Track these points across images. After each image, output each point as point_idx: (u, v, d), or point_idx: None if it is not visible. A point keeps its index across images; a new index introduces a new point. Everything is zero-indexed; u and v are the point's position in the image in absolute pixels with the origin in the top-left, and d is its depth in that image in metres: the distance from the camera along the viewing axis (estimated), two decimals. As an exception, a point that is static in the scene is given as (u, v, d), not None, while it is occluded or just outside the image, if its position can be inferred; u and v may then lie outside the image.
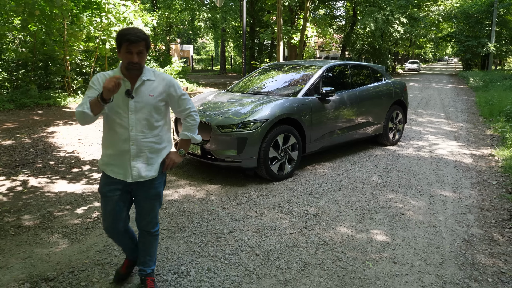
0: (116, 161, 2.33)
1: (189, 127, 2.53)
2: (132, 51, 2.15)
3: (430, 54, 76.20)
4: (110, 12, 11.43)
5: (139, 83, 2.27)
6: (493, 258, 3.20)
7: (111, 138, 2.33)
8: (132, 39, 2.12)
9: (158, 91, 2.33)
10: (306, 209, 4.08)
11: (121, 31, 2.18)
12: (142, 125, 2.30)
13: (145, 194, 2.42)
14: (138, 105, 2.27)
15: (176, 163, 2.49)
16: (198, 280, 2.77)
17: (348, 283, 2.77)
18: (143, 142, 2.31)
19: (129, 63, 2.17)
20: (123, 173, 2.33)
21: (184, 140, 2.54)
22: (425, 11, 32.81)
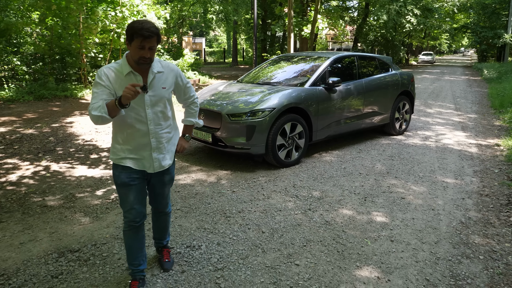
0: (136, 155, 2.36)
1: (193, 113, 2.68)
2: (145, 47, 2.13)
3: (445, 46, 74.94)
4: (124, 6, 11.72)
5: (151, 76, 2.28)
6: (487, 239, 3.38)
7: (128, 134, 2.32)
8: (146, 35, 2.10)
9: (169, 82, 2.38)
10: (311, 193, 4.30)
11: (134, 24, 2.14)
12: (159, 117, 2.35)
13: (162, 181, 2.53)
14: (153, 99, 2.30)
15: (185, 148, 2.64)
16: (208, 253, 3.03)
17: (346, 258, 3.00)
18: (161, 134, 2.38)
19: (141, 58, 2.16)
20: (143, 165, 2.38)
21: (189, 126, 2.70)
22: (440, 2, 32.36)
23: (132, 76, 2.23)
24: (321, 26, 15.18)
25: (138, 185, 2.41)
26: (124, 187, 2.40)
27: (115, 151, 2.39)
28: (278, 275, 2.75)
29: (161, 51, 16.97)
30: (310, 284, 2.66)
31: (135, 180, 2.40)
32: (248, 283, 2.66)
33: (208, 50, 49.89)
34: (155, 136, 2.36)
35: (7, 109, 9.30)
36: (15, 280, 2.67)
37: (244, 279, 2.70)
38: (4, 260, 2.93)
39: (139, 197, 2.44)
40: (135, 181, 2.40)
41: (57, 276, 2.73)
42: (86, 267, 2.84)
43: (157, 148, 2.38)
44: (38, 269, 2.82)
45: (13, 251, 3.06)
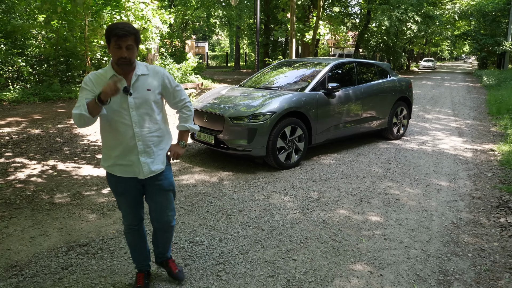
0: (124, 160, 2.31)
1: (186, 118, 2.56)
2: (121, 46, 2.12)
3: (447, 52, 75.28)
4: (129, 10, 11.94)
5: (134, 78, 2.26)
6: (476, 238, 3.54)
7: (115, 138, 2.29)
8: (120, 34, 2.09)
9: (154, 84, 2.33)
10: (309, 193, 4.46)
11: (109, 26, 2.15)
12: (145, 120, 2.28)
13: (159, 187, 2.43)
14: (137, 101, 2.25)
15: (179, 154, 2.53)
16: (210, 248, 3.19)
17: (341, 254, 3.16)
18: (148, 137, 2.31)
19: (119, 59, 2.14)
20: (133, 171, 2.33)
21: (183, 131, 2.58)
22: (441, 9, 32.61)
23: (115, 79, 2.17)
24: (322, 32, 15.39)
25: (131, 193, 2.40)
26: (118, 196, 2.43)
27: (105, 158, 2.37)
28: (276, 269, 2.91)
29: (165, 55, 17.19)
30: (306, 277, 2.82)
31: (128, 188, 2.38)
32: (247, 276, 2.82)
33: (211, 54, 50.21)
34: (142, 139, 2.29)
35: (12, 110, 9.49)
36: (27, 271, 2.83)
37: (244, 272, 2.86)
38: (16, 252, 3.10)
39: (133, 203, 2.44)
40: (128, 190, 2.39)
41: (67, 267, 2.89)
42: (94, 259, 3.00)
43: (144, 151, 2.31)
44: (48, 261, 2.98)
45: (25, 245, 3.22)
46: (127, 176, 2.34)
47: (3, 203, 4.08)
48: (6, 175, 4.88)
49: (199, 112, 5.54)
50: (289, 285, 2.71)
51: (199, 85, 12.53)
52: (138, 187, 2.41)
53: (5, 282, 2.70)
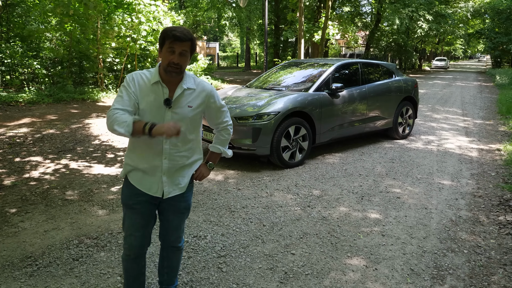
0: (147, 174, 2.13)
1: (223, 141, 2.39)
2: (174, 50, 1.94)
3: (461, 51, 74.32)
4: (140, 12, 12.18)
5: (179, 91, 2.05)
6: (474, 235, 3.61)
7: (142, 149, 2.11)
8: (177, 36, 1.92)
9: (197, 102, 2.13)
10: (311, 191, 4.58)
11: (167, 27, 1.99)
12: (177, 138, 2.05)
13: (175, 208, 2.25)
14: (175, 116, 2.05)
15: (205, 176, 2.36)
16: (213, 242, 3.34)
17: (339, 249, 3.27)
18: (175, 157, 2.12)
19: (169, 64, 1.95)
20: (153, 188, 2.14)
21: (215, 153, 2.39)
22: (454, 8, 32.29)
23: (160, 86, 2.04)
24: (331, 32, 15.45)
25: (143, 209, 2.17)
26: (129, 209, 2.19)
27: (127, 164, 2.18)
28: (275, 262, 3.04)
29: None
30: (303, 270, 2.94)
31: (141, 203, 2.16)
32: (247, 268, 2.96)
33: (221, 55, 50.54)
34: (169, 158, 2.11)
35: (28, 110, 9.81)
36: (41, 262, 3.02)
37: (244, 265, 3.00)
38: (31, 245, 3.29)
39: (142, 223, 2.20)
40: (140, 204, 2.16)
41: (78, 259, 3.06)
42: (103, 252, 3.18)
43: (168, 171, 2.13)
44: (61, 253, 3.16)
45: (39, 238, 3.42)
46: (145, 191, 2.14)
47: (19, 199, 4.29)
48: (22, 173, 5.11)
49: (206, 112, 5.70)
50: (286, 277, 2.84)
51: (209, 85, 12.69)
52: (152, 205, 2.21)
53: (20, 271, 2.89)
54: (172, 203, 2.22)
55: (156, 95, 2.03)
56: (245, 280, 2.80)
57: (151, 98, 2.03)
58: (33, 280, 2.79)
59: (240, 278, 2.83)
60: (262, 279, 2.82)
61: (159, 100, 2.03)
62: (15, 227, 3.62)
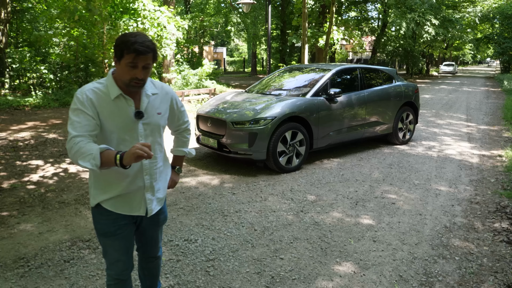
0: (127, 196, 1.92)
1: (185, 142, 2.28)
2: (138, 65, 1.72)
3: (469, 56, 73.79)
4: (145, 18, 12.34)
5: (146, 100, 1.86)
6: (467, 242, 3.59)
7: (118, 174, 1.84)
8: (140, 50, 1.69)
9: (165, 107, 1.99)
10: (306, 196, 4.59)
11: (126, 36, 1.72)
12: (153, 150, 1.90)
13: (155, 222, 2.13)
14: (147, 127, 1.88)
15: (176, 183, 2.30)
16: (203, 246, 3.36)
17: (328, 254, 3.28)
18: (155, 170, 1.97)
19: (132, 80, 1.74)
20: (135, 208, 1.96)
21: (180, 156, 2.30)
22: (462, 13, 32.12)
23: (123, 100, 1.81)
24: (336, 37, 15.46)
25: (125, 233, 1.99)
26: (108, 237, 1.98)
27: (100, 193, 1.92)
28: (263, 267, 3.05)
29: (180, 61, 17.58)
30: (290, 275, 2.95)
31: (122, 227, 1.97)
32: (234, 272, 2.97)
33: (229, 60, 50.81)
34: (150, 173, 1.93)
35: (33, 114, 9.96)
36: (33, 263, 3.07)
37: (231, 268, 3.02)
38: (25, 246, 3.34)
39: (127, 245, 2.04)
40: (122, 229, 1.97)
41: (69, 260, 3.11)
42: (94, 254, 3.22)
43: (150, 187, 1.96)
44: (53, 254, 3.21)
45: (33, 239, 3.47)
46: (126, 213, 1.95)
47: (17, 201, 4.36)
48: (22, 176, 5.19)
49: (204, 117, 5.75)
50: (273, 282, 2.85)
51: (212, 90, 12.80)
52: (132, 226, 2.04)
53: (12, 272, 2.94)
54: (152, 217, 2.06)
55: (122, 110, 1.81)
56: (232, 284, 2.81)
57: (116, 116, 1.79)
58: (23, 281, 2.84)
59: (227, 282, 2.84)
60: (249, 283, 2.84)
61: (127, 114, 1.81)
62: (11, 229, 3.68)
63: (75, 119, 1.71)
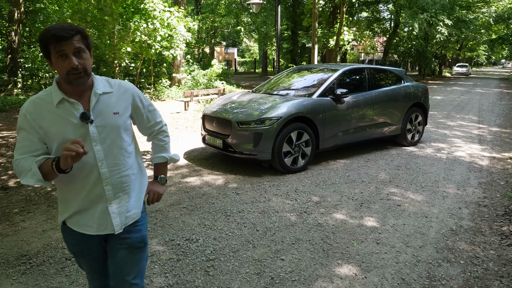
0: (87, 212, 1.69)
1: (164, 146, 1.99)
2: (66, 53, 1.51)
3: (484, 58, 72.64)
4: (155, 18, 12.42)
5: (94, 100, 1.63)
6: (473, 245, 3.51)
7: (74, 184, 1.66)
8: (59, 35, 1.49)
9: (123, 105, 1.74)
10: (310, 197, 4.55)
11: (45, 29, 1.53)
12: (114, 155, 1.68)
13: (125, 241, 1.76)
14: (102, 130, 1.64)
15: (161, 195, 1.97)
16: (204, 246, 3.35)
17: (330, 256, 3.23)
18: (120, 178, 1.71)
19: (69, 71, 1.52)
20: (100, 225, 1.70)
21: (162, 163, 1.99)
22: (476, 13, 31.62)
23: (67, 104, 1.60)
24: (346, 38, 15.36)
25: (95, 253, 1.80)
26: (79, 257, 1.83)
27: (62, 210, 1.74)
28: (263, 267, 3.02)
29: (190, 61, 17.65)
30: (290, 276, 2.92)
31: (91, 247, 1.77)
32: (234, 272, 2.95)
33: (240, 60, 50.90)
34: (111, 182, 1.68)
35: (45, 113, 10.08)
36: (35, 260, 3.10)
37: (231, 269, 3.00)
38: (28, 243, 3.38)
39: (99, 267, 1.85)
40: (91, 249, 1.78)
41: (70, 258, 3.12)
42: (95, 252, 3.23)
43: (114, 197, 1.70)
44: (55, 252, 3.23)
45: (36, 237, 3.50)
46: (89, 233, 1.71)
47: (23, 199, 4.42)
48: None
49: (210, 117, 5.75)
50: (272, 283, 2.83)
51: (221, 90, 12.81)
52: (103, 245, 1.80)
53: (14, 269, 2.97)
54: (122, 236, 1.75)
55: (68, 116, 1.59)
56: (230, 285, 2.80)
57: (61, 123, 1.58)
58: (25, 278, 2.86)
59: (226, 282, 2.83)
60: (248, 284, 2.81)
61: (73, 119, 1.59)
62: (15, 226, 3.72)
63: (18, 138, 1.61)
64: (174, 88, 15.25)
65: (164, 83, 14.83)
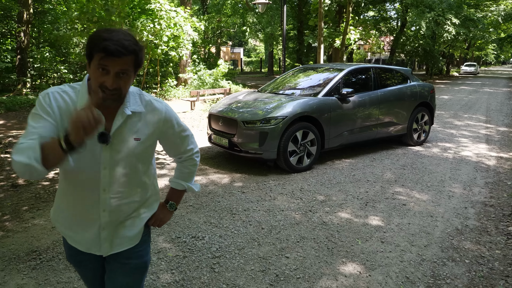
0: (79, 227, 1.56)
1: (188, 174, 1.78)
2: (108, 69, 1.31)
3: (492, 56, 71.94)
4: (162, 18, 12.49)
5: (120, 120, 1.44)
6: (478, 245, 3.51)
7: (71, 197, 1.54)
8: (111, 49, 1.28)
9: (148, 132, 1.53)
10: (315, 196, 4.57)
11: (99, 32, 1.34)
12: (120, 183, 1.52)
13: (123, 266, 1.64)
14: (116, 156, 1.47)
15: (164, 222, 1.78)
16: (209, 243, 3.39)
17: (334, 254, 3.26)
18: (120, 207, 1.55)
19: (103, 87, 1.33)
20: (89, 245, 1.58)
21: (178, 190, 1.80)
22: (484, 12, 31.35)
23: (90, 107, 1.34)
24: (352, 37, 15.32)
25: (91, 265, 1.68)
26: (76, 267, 1.73)
27: (57, 214, 1.62)
28: (268, 265, 3.06)
29: (197, 61, 17.72)
30: (295, 274, 2.95)
31: (84, 261, 1.66)
32: (239, 269, 2.99)
33: (246, 60, 50.94)
34: (109, 209, 1.53)
35: (53, 113, 10.20)
36: (45, 256, 3.16)
37: (236, 266, 3.04)
38: (38, 240, 3.44)
39: (96, 281, 1.74)
40: (85, 262, 1.67)
41: (79, 255, 3.18)
42: (103, 249, 3.28)
43: (110, 225, 1.56)
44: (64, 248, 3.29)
45: (46, 234, 3.57)
46: (82, 249, 1.60)
47: (33, 196, 4.49)
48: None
49: (216, 116, 5.80)
50: (277, 280, 2.86)
51: (227, 90, 12.86)
52: (99, 259, 1.67)
53: (25, 264, 3.03)
54: (120, 260, 1.63)
55: None
56: (236, 281, 2.83)
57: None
58: (35, 273, 2.92)
59: (231, 279, 2.87)
60: (253, 280, 2.85)
61: None
62: (25, 223, 3.79)
63: (32, 124, 1.34)
64: (181, 87, 15.33)
65: (170, 83, 14.92)
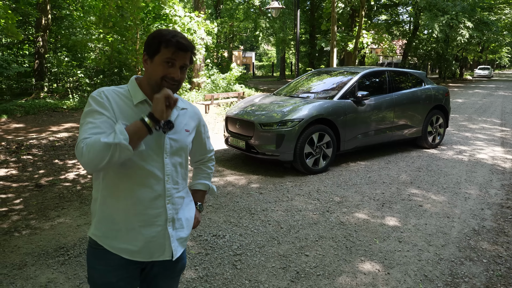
0: (142, 235, 1.48)
1: (210, 174, 1.89)
2: (175, 63, 1.43)
3: (506, 60, 70.91)
4: (176, 23, 12.70)
5: (175, 113, 1.56)
6: (496, 245, 3.54)
7: (129, 197, 1.46)
8: (183, 44, 1.42)
9: (192, 125, 1.66)
10: (332, 197, 4.63)
11: (163, 31, 1.44)
12: (178, 173, 1.57)
13: (170, 271, 1.64)
14: (174, 144, 1.54)
15: (199, 223, 1.82)
16: (230, 241, 3.48)
17: (353, 253, 3.32)
18: (178, 199, 1.58)
19: (166, 78, 1.43)
20: (151, 252, 1.52)
21: (201, 191, 1.86)
22: (498, 14, 31.02)
23: (148, 107, 1.48)
24: (365, 41, 15.36)
25: (128, 286, 1.54)
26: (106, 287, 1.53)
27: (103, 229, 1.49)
28: (288, 262, 3.13)
29: (210, 65, 17.91)
30: (315, 271, 3.02)
31: (125, 279, 1.52)
32: (260, 266, 3.07)
33: (257, 64, 51.16)
34: (171, 201, 1.54)
35: (70, 116, 10.46)
36: (72, 252, 3.28)
37: (258, 263, 3.12)
38: (64, 237, 3.57)
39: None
40: (124, 280, 1.52)
41: (105, 251, 3.30)
42: (128, 246, 3.40)
43: (173, 219, 1.55)
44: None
45: (72, 231, 3.70)
46: (134, 258, 1.50)
47: (57, 196, 4.64)
48: (61, 174, 5.51)
49: (233, 119, 5.90)
50: (298, 277, 2.93)
51: (241, 94, 12.99)
52: (138, 274, 1.58)
53: (53, 260, 3.16)
54: (167, 264, 1.60)
55: None
56: (258, 277, 2.92)
57: None
58: (64, 268, 3.05)
59: (253, 275, 2.95)
60: (274, 277, 2.93)
61: None
62: (52, 221, 3.93)
63: (90, 120, 1.37)
64: (194, 91, 15.52)
65: (184, 87, 15.11)
